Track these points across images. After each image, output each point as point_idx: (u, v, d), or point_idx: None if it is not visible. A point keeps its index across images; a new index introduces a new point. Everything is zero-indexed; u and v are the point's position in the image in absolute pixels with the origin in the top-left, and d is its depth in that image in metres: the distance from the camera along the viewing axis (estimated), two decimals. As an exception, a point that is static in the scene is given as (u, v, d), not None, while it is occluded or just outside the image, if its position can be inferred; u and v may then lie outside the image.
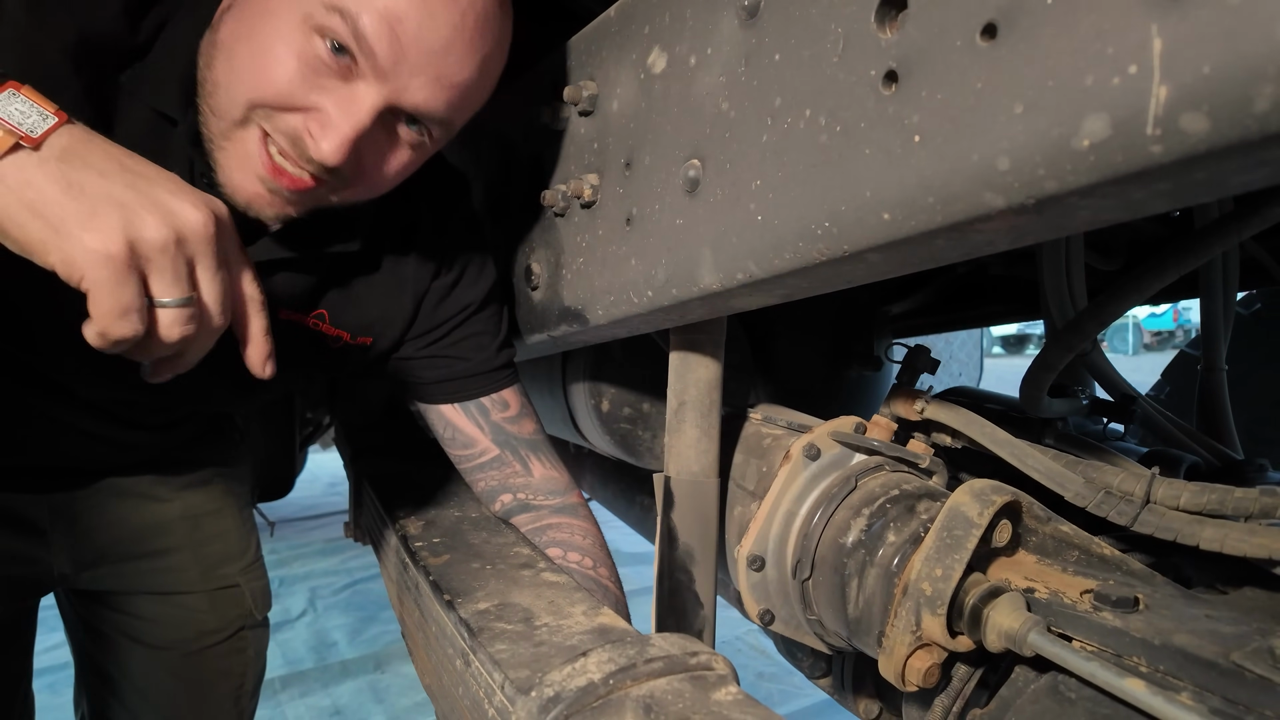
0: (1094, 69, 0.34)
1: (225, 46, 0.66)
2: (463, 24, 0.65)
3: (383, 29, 0.62)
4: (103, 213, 0.50)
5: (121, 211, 0.51)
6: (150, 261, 0.52)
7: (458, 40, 0.65)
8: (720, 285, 0.63)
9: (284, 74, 0.63)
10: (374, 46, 0.63)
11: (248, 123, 0.66)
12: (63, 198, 0.49)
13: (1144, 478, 0.71)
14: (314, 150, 0.66)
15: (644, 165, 0.71)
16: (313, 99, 0.65)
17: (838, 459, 0.84)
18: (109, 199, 0.51)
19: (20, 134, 0.50)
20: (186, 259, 0.54)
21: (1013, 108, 0.38)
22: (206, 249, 0.55)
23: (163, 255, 0.52)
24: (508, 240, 1.01)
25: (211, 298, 0.57)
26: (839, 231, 0.50)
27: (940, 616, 0.69)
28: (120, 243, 0.50)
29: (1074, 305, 0.88)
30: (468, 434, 0.98)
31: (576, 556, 0.92)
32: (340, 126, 0.65)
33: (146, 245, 0.51)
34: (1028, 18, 0.37)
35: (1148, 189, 0.36)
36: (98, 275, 0.50)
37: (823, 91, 0.50)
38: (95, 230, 0.49)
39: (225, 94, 0.66)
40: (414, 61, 0.65)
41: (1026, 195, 0.39)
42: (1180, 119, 0.32)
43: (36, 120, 0.51)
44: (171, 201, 0.53)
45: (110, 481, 1.03)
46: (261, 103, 0.65)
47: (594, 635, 0.62)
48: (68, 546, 1.01)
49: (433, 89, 0.67)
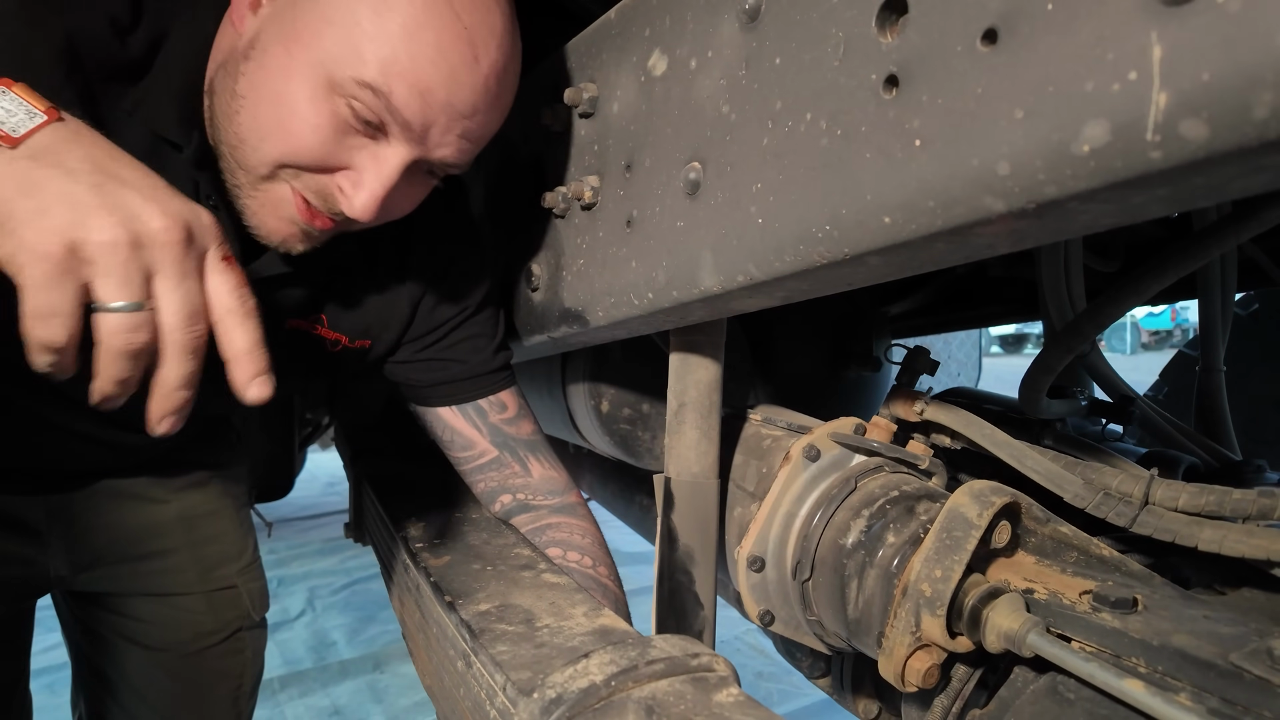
0: (1094, 75, 0.35)
1: (248, 102, 0.66)
2: (486, 86, 0.68)
3: (414, 101, 0.64)
4: (52, 211, 0.47)
5: (72, 211, 0.48)
6: (93, 264, 0.48)
7: (482, 101, 0.68)
8: (721, 287, 0.63)
9: (316, 139, 0.65)
10: (406, 118, 0.65)
11: (275, 178, 0.68)
12: (16, 195, 0.47)
13: (1143, 479, 0.71)
14: (346, 207, 0.68)
15: (644, 167, 0.71)
16: (343, 158, 0.67)
17: (837, 460, 0.85)
18: (64, 198, 0.48)
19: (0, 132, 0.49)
20: (141, 265, 0.50)
21: (1013, 113, 0.38)
22: (166, 255, 0.50)
23: (109, 257, 0.48)
24: (508, 242, 1.01)
25: (171, 308, 0.51)
26: (839, 235, 0.50)
27: (940, 617, 0.69)
28: (58, 242, 0.47)
29: (1073, 307, 0.88)
30: (466, 436, 0.98)
31: (576, 556, 0.92)
32: (372, 186, 0.67)
33: (91, 247, 0.48)
34: (1028, 24, 0.37)
35: (1147, 194, 0.37)
36: (30, 273, 0.47)
37: (823, 95, 0.50)
38: (34, 228, 0.47)
39: (253, 152, 0.67)
40: (442, 125, 0.67)
41: (1027, 200, 0.39)
42: (1180, 125, 0.32)
43: (22, 119, 0.50)
44: (136, 205, 0.50)
45: (106, 483, 1.02)
46: (292, 164, 0.67)
47: (595, 636, 0.63)
48: (64, 548, 1.01)
49: (458, 145, 0.70)
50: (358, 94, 0.64)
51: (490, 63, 0.67)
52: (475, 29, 0.65)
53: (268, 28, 0.66)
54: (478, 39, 0.66)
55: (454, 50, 0.64)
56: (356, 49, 0.62)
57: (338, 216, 0.70)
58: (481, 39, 0.66)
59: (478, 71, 0.66)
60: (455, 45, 0.64)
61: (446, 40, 0.64)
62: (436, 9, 0.63)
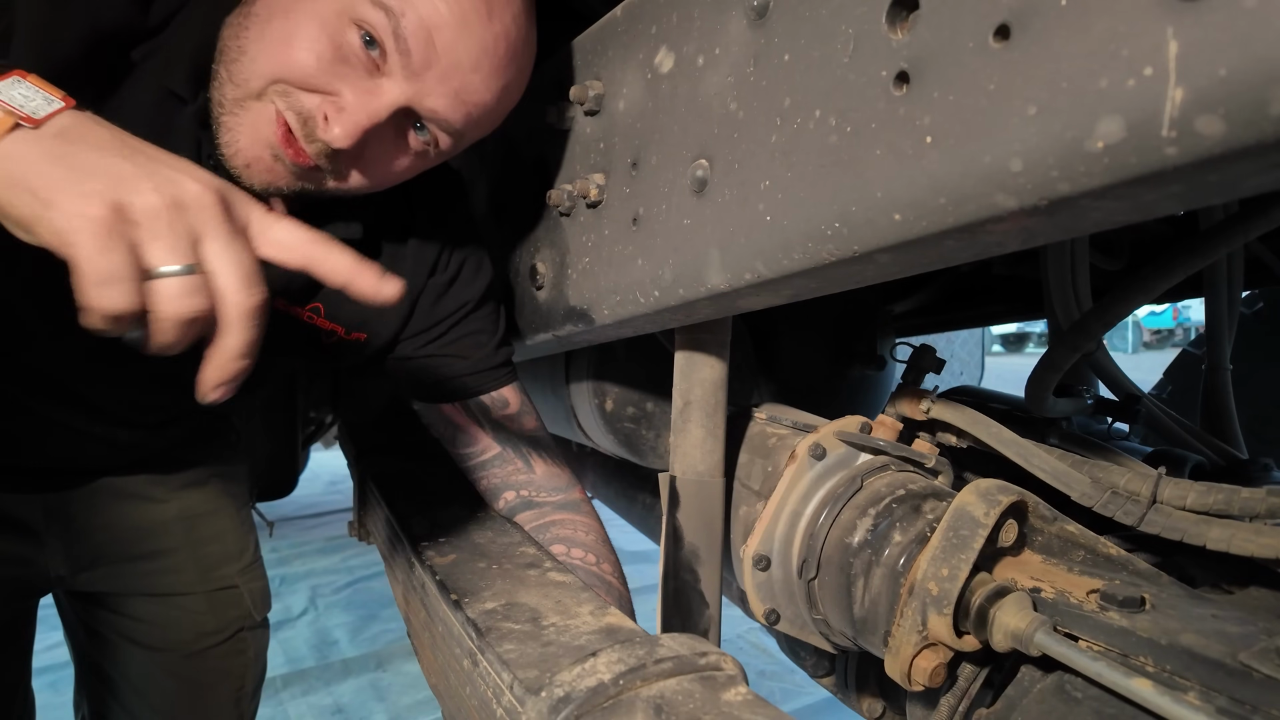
0: (1108, 71, 0.34)
1: (259, 18, 0.67)
2: (494, 48, 0.68)
3: (421, 32, 0.65)
4: (91, 179, 0.47)
5: (111, 178, 0.47)
6: (141, 226, 0.47)
7: (485, 61, 0.68)
8: (728, 286, 0.63)
9: (313, 56, 0.65)
10: (410, 46, 0.65)
11: (263, 96, 0.67)
12: (49, 168, 0.47)
13: (1150, 478, 0.71)
14: (323, 132, 0.67)
15: (651, 165, 0.71)
16: (335, 85, 0.66)
17: (843, 459, 0.84)
18: (99, 166, 0.48)
19: (21, 115, 0.48)
20: (187, 228, 0.49)
21: (1026, 109, 0.38)
22: (212, 216, 0.50)
23: (156, 220, 0.48)
24: (512, 240, 1.01)
25: (227, 270, 0.49)
26: (849, 232, 0.50)
27: (946, 616, 0.69)
28: (103, 205, 0.46)
29: (1079, 305, 0.88)
30: (469, 433, 0.98)
31: (580, 553, 0.92)
32: (355, 114, 0.66)
33: (137, 210, 0.47)
34: (1040, 20, 0.37)
35: (1161, 191, 0.36)
36: (79, 239, 0.46)
37: (833, 92, 0.50)
38: (77, 195, 0.46)
39: (250, 63, 0.67)
40: (441, 70, 0.67)
41: (1039, 197, 0.39)
42: (1196, 121, 0.32)
43: (40, 104, 0.50)
44: (169, 172, 0.50)
45: (105, 482, 1.02)
46: (284, 79, 0.66)
47: (602, 635, 0.62)
48: (62, 548, 1.00)
49: (452, 100, 0.69)
50: (369, 14, 0.64)
51: (503, 26, 0.68)
52: None
53: None
54: (495, 1, 0.67)
55: (470, 2, 0.65)
56: None
57: (316, 149, 0.68)
58: (499, 3, 0.67)
59: (489, 28, 0.67)
60: (476, 12, 0.66)
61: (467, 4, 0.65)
62: None
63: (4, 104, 0.48)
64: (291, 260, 0.54)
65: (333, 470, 5.51)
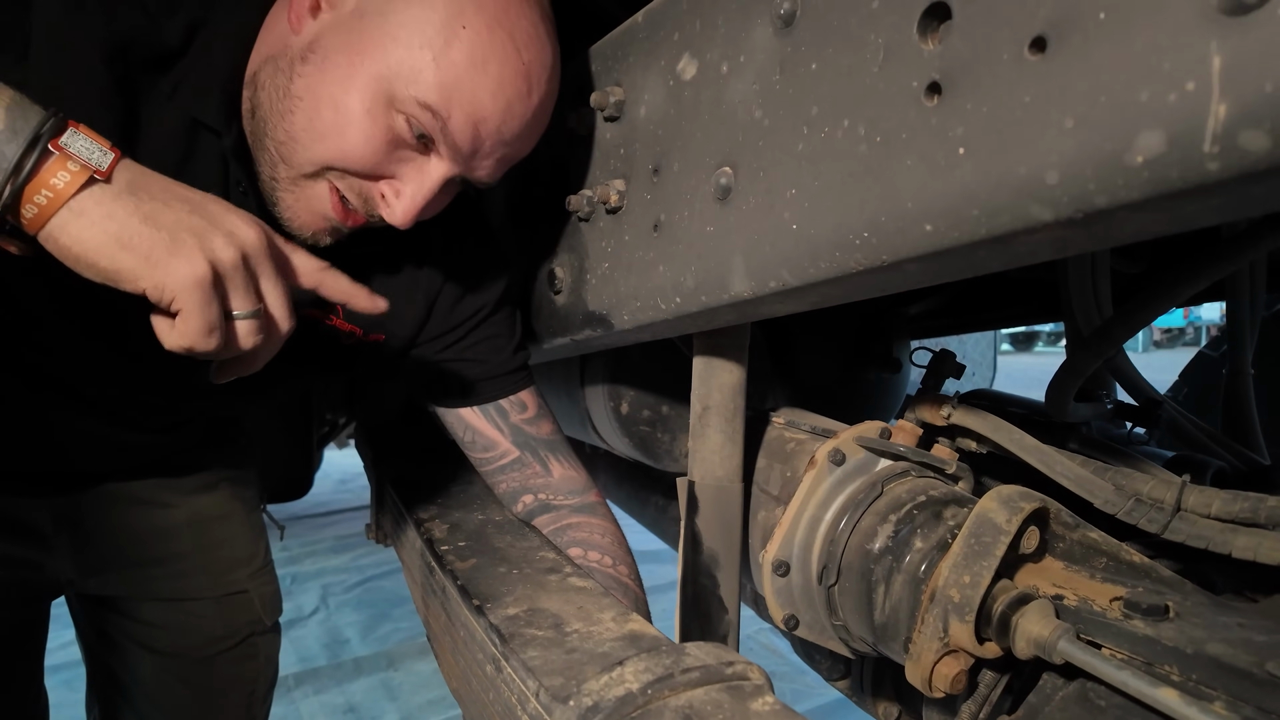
0: (1149, 84, 0.34)
1: (305, 104, 0.69)
2: (535, 117, 0.73)
3: (468, 128, 0.68)
4: (183, 240, 0.54)
5: (198, 237, 0.55)
6: (228, 279, 0.56)
7: (528, 130, 0.74)
8: (752, 293, 0.63)
9: (371, 149, 0.69)
10: (456, 140, 0.69)
11: (319, 177, 0.71)
12: (144, 229, 0.53)
13: (1174, 485, 0.71)
14: (386, 214, 0.73)
15: (673, 171, 0.71)
16: (390, 169, 0.71)
17: (863, 464, 0.84)
18: (183, 227, 0.54)
19: (93, 168, 0.52)
20: (252, 274, 0.58)
21: (1063, 122, 0.38)
22: (266, 262, 0.59)
23: (236, 273, 0.56)
24: (529, 243, 1.01)
25: (276, 306, 0.60)
26: (878, 242, 0.50)
27: (968, 624, 0.69)
28: (205, 266, 0.54)
29: (1099, 311, 0.88)
30: (488, 437, 0.98)
31: (597, 555, 0.93)
32: (414, 197, 0.71)
33: (223, 265, 0.56)
34: (1079, 32, 0.37)
35: (1200, 204, 0.36)
36: (190, 298, 0.54)
37: (862, 101, 0.50)
38: (183, 258, 0.53)
39: (302, 150, 0.70)
40: (487, 149, 0.71)
41: (1075, 209, 0.39)
42: (1240, 136, 0.32)
43: (99, 156, 0.53)
44: (230, 221, 0.57)
45: (114, 486, 1.02)
46: (341, 167, 0.70)
47: (625, 642, 0.63)
48: (71, 552, 1.00)
49: (497, 168, 0.75)
50: (416, 113, 0.67)
51: (541, 95, 0.72)
52: (532, 64, 0.70)
53: (328, 34, 0.68)
54: (533, 73, 0.70)
55: (512, 85, 0.68)
56: (421, 71, 0.66)
57: (373, 218, 0.73)
58: (536, 73, 0.70)
59: (529, 104, 0.71)
60: (514, 80, 0.68)
61: (507, 75, 0.68)
62: (500, 43, 0.67)
63: (76, 157, 0.52)
64: (308, 285, 0.64)
65: (343, 469, 5.53)
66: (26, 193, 0.50)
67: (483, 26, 0.66)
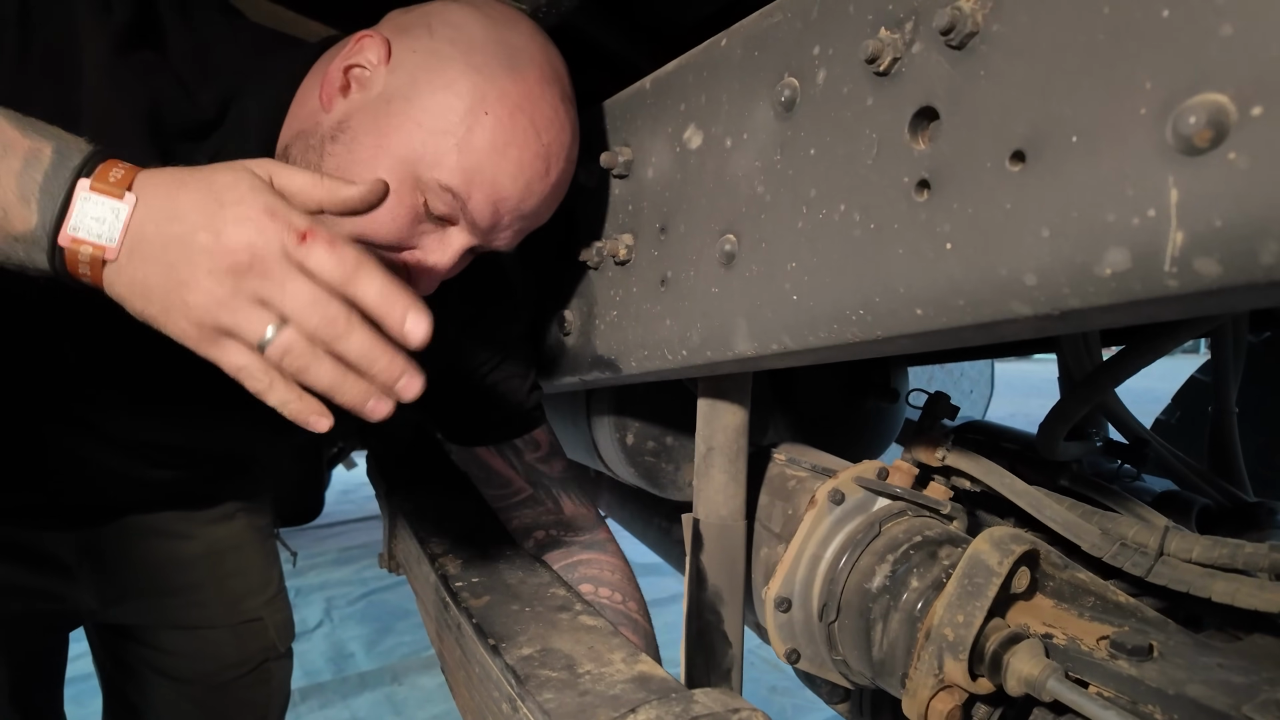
0: (1115, 207, 0.38)
1: None
2: (553, 193, 0.76)
3: (487, 207, 0.71)
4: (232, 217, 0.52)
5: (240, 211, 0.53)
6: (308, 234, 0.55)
7: (545, 206, 0.77)
8: (754, 353, 0.66)
9: (394, 227, 0.71)
10: (476, 219, 0.72)
11: None
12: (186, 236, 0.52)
13: (1158, 530, 0.74)
14: (409, 283, 0.73)
15: (679, 232, 0.75)
16: (413, 241, 0.73)
17: (861, 503, 0.88)
18: (226, 213, 0.53)
19: (101, 246, 0.51)
20: None
21: (1040, 230, 0.42)
22: None
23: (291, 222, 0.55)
24: (539, 286, 1.05)
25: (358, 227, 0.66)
26: (872, 320, 0.53)
27: (962, 661, 0.72)
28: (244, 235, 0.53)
29: (1089, 355, 0.91)
30: (502, 475, 1.02)
31: (607, 592, 0.96)
32: (435, 269, 0.75)
33: (284, 219, 0.54)
34: (1053, 151, 0.41)
35: (1164, 309, 0.40)
36: (275, 260, 0.53)
37: (856, 189, 0.53)
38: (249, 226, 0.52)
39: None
40: (506, 224, 0.74)
41: (1051, 307, 0.43)
42: (1195, 262, 0.35)
43: (109, 219, 0.51)
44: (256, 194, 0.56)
45: (135, 519, 1.05)
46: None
47: (636, 685, 0.66)
48: (94, 584, 1.03)
49: (514, 238, 0.78)
50: (439, 194, 0.70)
51: (559, 173, 0.75)
52: (551, 145, 0.72)
53: (357, 115, 0.71)
54: (552, 154, 0.73)
55: (531, 166, 0.71)
56: (444, 155, 0.68)
57: None
58: (555, 154, 0.73)
59: (547, 182, 0.74)
60: (533, 162, 0.71)
61: (527, 158, 0.71)
62: (521, 128, 0.70)
63: (82, 241, 0.50)
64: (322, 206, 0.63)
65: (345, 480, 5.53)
66: (75, 275, 0.52)
67: (504, 113, 0.69)
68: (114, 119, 0.65)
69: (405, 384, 0.58)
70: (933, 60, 0.47)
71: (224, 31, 0.77)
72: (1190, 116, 0.34)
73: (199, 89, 0.72)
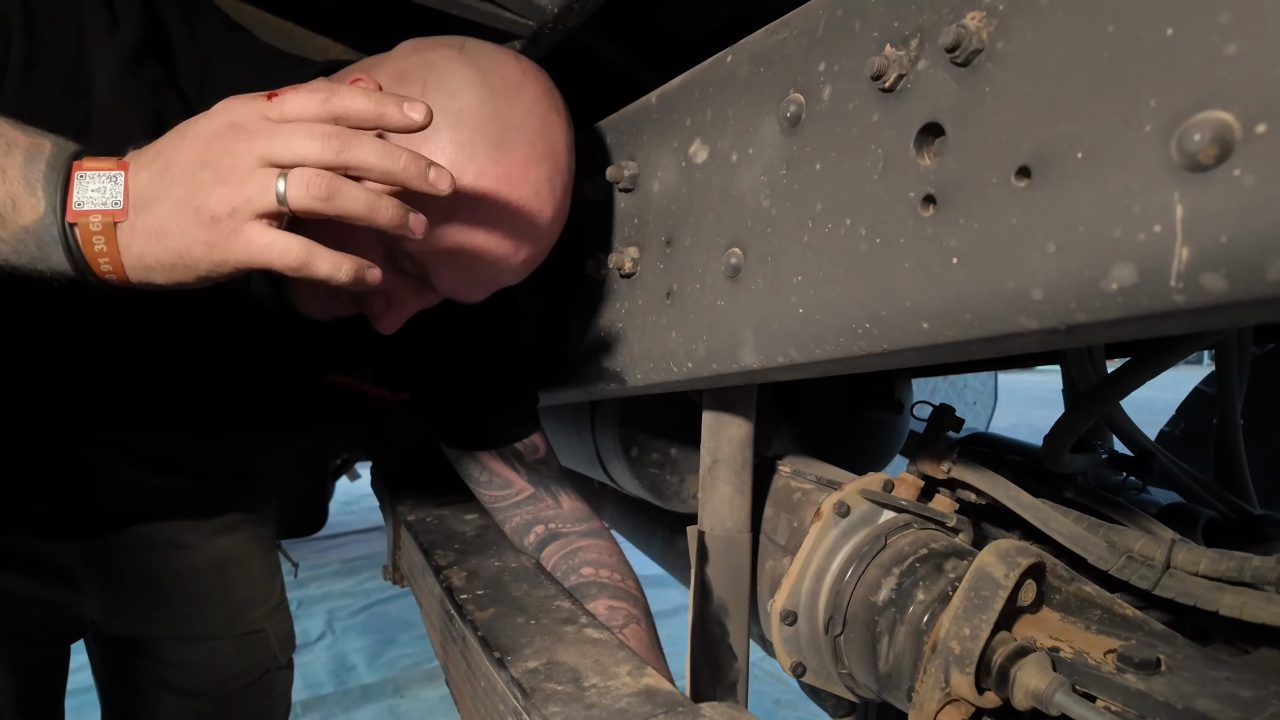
0: (1121, 222, 0.38)
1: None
2: (525, 265, 0.76)
3: (454, 275, 0.73)
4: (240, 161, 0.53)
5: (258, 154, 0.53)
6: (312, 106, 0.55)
7: (516, 274, 0.76)
8: (761, 365, 0.67)
9: None
10: (440, 287, 0.74)
11: None
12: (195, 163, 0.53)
13: (1164, 543, 0.74)
14: (376, 321, 0.75)
15: (685, 245, 0.75)
16: (383, 285, 0.72)
17: (867, 516, 0.88)
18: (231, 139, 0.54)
19: (111, 211, 0.53)
20: None
21: (1046, 245, 0.42)
22: None
23: None
24: (543, 297, 1.05)
25: None
26: (879, 333, 0.54)
27: (969, 675, 0.72)
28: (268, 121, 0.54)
29: (1094, 367, 0.91)
30: (505, 477, 1.04)
31: (606, 572, 0.99)
32: (401, 312, 0.75)
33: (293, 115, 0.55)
34: (1059, 168, 0.41)
35: (1170, 323, 0.40)
36: (298, 144, 0.53)
37: (863, 204, 0.54)
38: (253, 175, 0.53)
39: None
40: (479, 288, 0.76)
41: (1058, 322, 0.43)
42: (1201, 277, 0.36)
43: (109, 188, 0.53)
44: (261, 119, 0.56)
45: (140, 529, 1.05)
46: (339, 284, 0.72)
47: (642, 698, 0.66)
48: (98, 594, 1.04)
49: (486, 293, 0.78)
50: (407, 259, 0.71)
51: (530, 250, 0.74)
52: (527, 224, 0.72)
53: None
54: (525, 233, 0.72)
55: (500, 246, 0.71)
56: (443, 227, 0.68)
57: (366, 313, 0.76)
58: (529, 232, 0.72)
59: (518, 259, 0.74)
60: (502, 243, 0.71)
61: (494, 240, 0.71)
62: (494, 210, 0.69)
63: (89, 212, 0.52)
64: None
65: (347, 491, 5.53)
66: (91, 259, 0.53)
67: (477, 195, 0.68)
68: (122, 132, 0.66)
69: (436, 175, 0.55)
70: (938, 77, 0.47)
71: (226, 48, 0.77)
72: (1195, 134, 0.34)
73: (198, 106, 0.73)
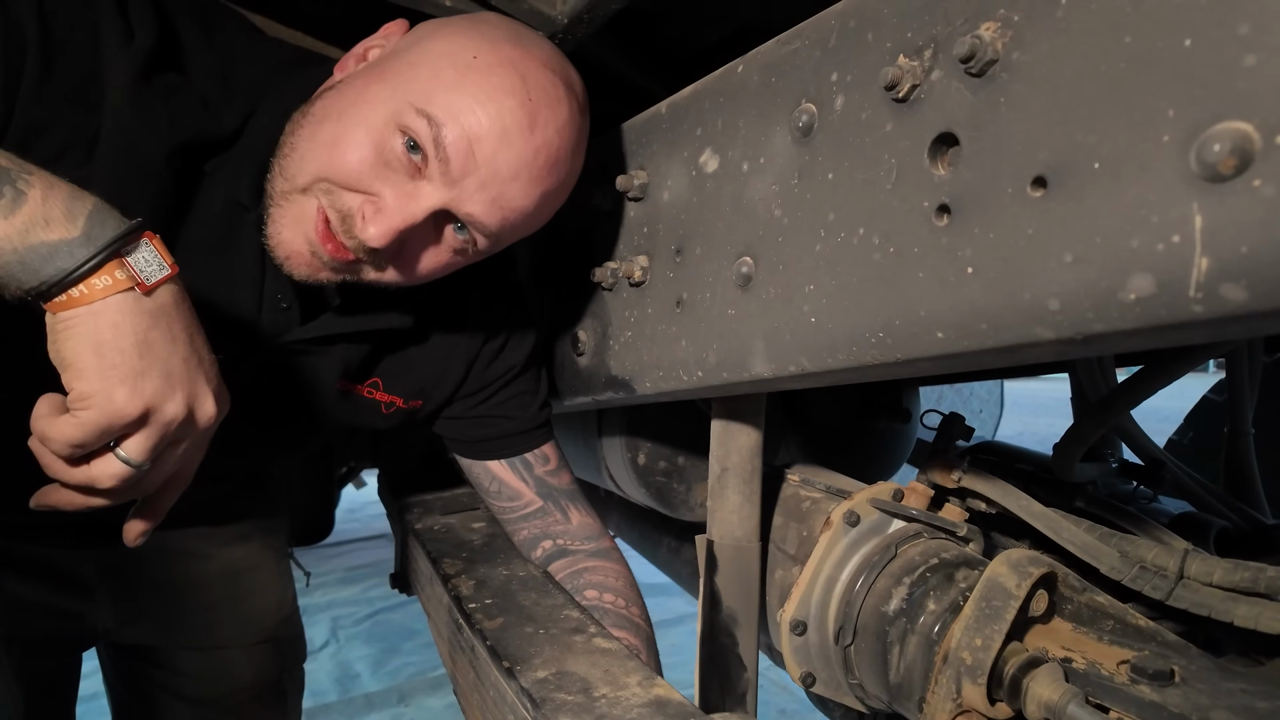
0: (1139, 233, 0.38)
1: (314, 118, 0.72)
2: (534, 160, 0.71)
3: (461, 143, 0.68)
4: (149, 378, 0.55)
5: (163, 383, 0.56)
6: (146, 428, 0.56)
7: (524, 172, 0.71)
8: (772, 374, 0.67)
9: (357, 158, 0.69)
10: (449, 155, 0.68)
11: (308, 192, 0.71)
12: (130, 351, 0.55)
13: (1177, 553, 0.74)
14: (360, 231, 0.70)
15: (695, 254, 0.75)
16: (376, 186, 0.70)
17: (877, 525, 0.87)
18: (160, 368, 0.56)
19: (138, 280, 0.55)
20: (178, 439, 0.59)
21: (1063, 256, 0.42)
22: (199, 440, 0.62)
23: (162, 429, 0.57)
24: (554, 305, 1.05)
25: (159, 474, 0.61)
26: (893, 342, 0.53)
27: (980, 685, 0.72)
28: (140, 408, 0.55)
29: (1104, 377, 0.91)
30: (513, 488, 1.03)
31: (611, 598, 0.97)
32: (392, 217, 0.69)
33: (158, 415, 0.56)
34: (1076, 178, 0.41)
35: (1188, 334, 0.40)
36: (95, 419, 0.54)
37: (876, 214, 0.54)
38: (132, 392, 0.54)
39: (299, 160, 0.71)
40: (480, 179, 0.70)
41: (1075, 332, 0.43)
42: (1220, 287, 0.35)
43: (154, 269, 0.56)
44: (203, 390, 0.59)
45: (155, 536, 1.05)
46: (329, 179, 0.70)
47: (652, 709, 0.66)
48: (112, 602, 1.04)
49: (489, 207, 0.72)
50: (413, 122, 0.68)
51: (544, 137, 0.71)
52: (539, 104, 0.70)
53: (362, 71, 0.74)
54: (539, 113, 0.71)
55: (512, 115, 0.69)
56: (429, 91, 0.68)
57: (354, 244, 0.71)
58: (542, 115, 0.71)
59: (529, 141, 0.70)
60: (515, 111, 0.69)
61: (509, 105, 0.69)
62: (510, 82, 0.69)
63: (131, 268, 0.55)
64: None
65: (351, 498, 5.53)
66: (65, 283, 0.53)
67: (494, 60, 0.70)
68: (132, 141, 0.67)
69: None
70: (953, 87, 0.47)
71: (245, 50, 0.78)
72: (1214, 144, 0.34)
73: (222, 108, 0.73)
